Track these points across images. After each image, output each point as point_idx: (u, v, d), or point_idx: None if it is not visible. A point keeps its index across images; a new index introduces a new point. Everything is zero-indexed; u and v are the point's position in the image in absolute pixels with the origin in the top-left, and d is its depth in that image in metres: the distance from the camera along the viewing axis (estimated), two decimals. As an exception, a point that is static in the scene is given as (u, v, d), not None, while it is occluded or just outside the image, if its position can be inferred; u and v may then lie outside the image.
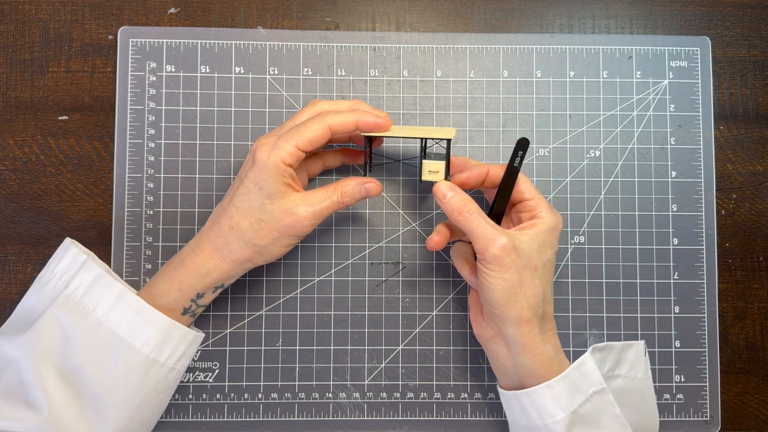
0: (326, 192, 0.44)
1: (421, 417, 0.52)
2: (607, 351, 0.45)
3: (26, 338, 0.41)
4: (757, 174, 0.54)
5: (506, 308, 0.41)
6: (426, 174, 0.45)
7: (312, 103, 0.45)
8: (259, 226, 0.42)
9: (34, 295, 0.43)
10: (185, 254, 0.43)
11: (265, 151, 0.41)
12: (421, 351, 0.52)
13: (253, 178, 0.41)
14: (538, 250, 0.42)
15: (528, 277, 0.42)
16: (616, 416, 0.42)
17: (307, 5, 0.54)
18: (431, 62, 0.53)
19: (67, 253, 0.43)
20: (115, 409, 0.41)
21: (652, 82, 0.54)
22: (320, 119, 0.42)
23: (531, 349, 0.42)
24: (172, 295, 0.43)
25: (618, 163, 0.53)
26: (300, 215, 0.42)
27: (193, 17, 0.54)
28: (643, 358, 0.47)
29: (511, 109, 0.53)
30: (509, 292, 0.41)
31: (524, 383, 0.43)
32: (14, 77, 0.53)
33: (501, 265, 0.41)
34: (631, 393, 0.46)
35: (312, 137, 0.41)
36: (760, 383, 0.53)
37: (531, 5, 0.55)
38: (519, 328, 0.42)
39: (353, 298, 0.52)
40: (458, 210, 0.43)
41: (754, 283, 0.54)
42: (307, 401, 0.51)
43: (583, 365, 0.43)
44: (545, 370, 0.42)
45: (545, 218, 0.44)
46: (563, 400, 0.41)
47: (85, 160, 0.52)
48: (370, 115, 0.43)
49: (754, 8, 0.55)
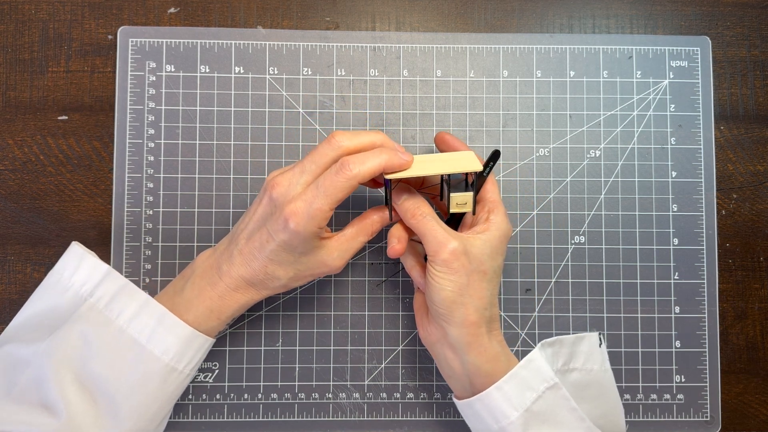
0: (355, 231, 0.44)
1: (421, 417, 0.51)
2: (558, 345, 0.45)
3: (47, 345, 0.41)
4: (758, 174, 0.54)
5: (452, 309, 0.42)
6: (454, 207, 0.44)
7: (333, 140, 0.42)
8: (296, 275, 0.43)
9: (48, 301, 0.43)
10: (221, 289, 0.43)
11: (300, 222, 0.40)
12: (421, 351, 0.52)
13: (287, 241, 0.41)
14: (489, 255, 0.43)
15: (476, 281, 0.42)
16: (572, 410, 0.42)
17: (307, 5, 0.54)
18: (431, 62, 0.53)
19: (83, 261, 0.43)
20: (132, 415, 0.41)
21: (653, 82, 0.54)
22: (348, 174, 0.40)
23: (476, 347, 0.42)
24: (212, 323, 0.43)
25: (618, 163, 0.53)
26: (334, 265, 0.44)
27: (193, 17, 0.53)
28: (598, 350, 0.46)
29: (511, 109, 0.53)
30: (456, 294, 0.41)
31: (474, 383, 0.43)
32: (14, 77, 0.53)
33: (450, 268, 0.41)
34: (590, 386, 0.46)
35: (343, 197, 0.40)
36: (761, 383, 0.53)
37: (531, 5, 0.55)
38: (463, 329, 0.42)
39: (353, 298, 0.52)
40: (411, 213, 0.43)
41: (754, 283, 0.54)
42: (307, 401, 0.51)
43: (532, 362, 0.42)
44: (492, 366, 0.42)
45: (498, 224, 0.44)
46: (515, 399, 0.41)
47: (85, 160, 0.52)
48: (396, 156, 0.41)
49: (754, 8, 0.55)
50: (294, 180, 0.41)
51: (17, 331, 0.43)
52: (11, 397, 0.40)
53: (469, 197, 0.44)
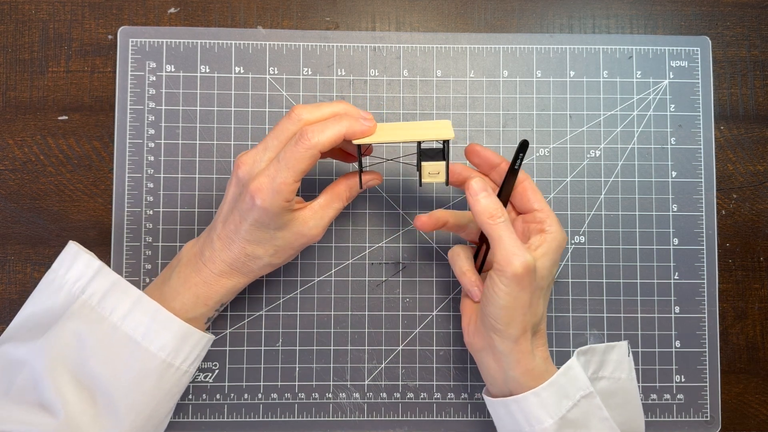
0: (328, 198, 0.44)
1: (421, 417, 0.51)
2: (591, 353, 0.45)
3: (42, 343, 0.40)
4: (758, 174, 0.54)
5: (509, 326, 0.41)
6: (426, 176, 0.43)
7: (293, 114, 0.41)
8: (275, 251, 0.43)
9: (44, 300, 0.43)
10: (206, 275, 0.43)
11: (266, 197, 0.39)
12: (421, 351, 0.52)
13: (258, 219, 0.40)
14: (549, 269, 0.42)
15: (536, 297, 0.41)
16: (604, 419, 0.42)
17: (307, 5, 0.54)
18: (431, 62, 0.53)
19: (77, 258, 0.43)
20: (131, 412, 0.41)
21: (653, 82, 0.54)
22: (307, 144, 0.39)
23: (523, 365, 0.41)
24: (199, 309, 0.43)
25: (618, 163, 0.53)
26: (312, 234, 0.43)
27: (193, 17, 0.53)
28: (627, 359, 0.47)
29: (511, 109, 0.53)
30: (517, 311, 0.40)
31: (513, 392, 0.43)
32: (14, 77, 0.53)
33: (519, 284, 0.40)
34: (616, 394, 0.46)
35: (306, 167, 0.40)
36: (761, 383, 0.53)
37: (531, 5, 0.55)
38: (515, 345, 0.41)
39: (353, 298, 0.52)
40: (489, 213, 0.41)
41: (754, 283, 0.54)
42: (307, 401, 0.51)
43: (570, 370, 0.42)
44: (534, 383, 0.42)
45: (555, 234, 0.43)
46: (551, 407, 0.41)
47: (85, 160, 0.52)
48: (357, 122, 0.41)
49: (754, 8, 0.55)
50: (258, 157, 0.41)
51: (15, 331, 0.43)
52: (9, 397, 0.40)
53: (441, 166, 0.42)
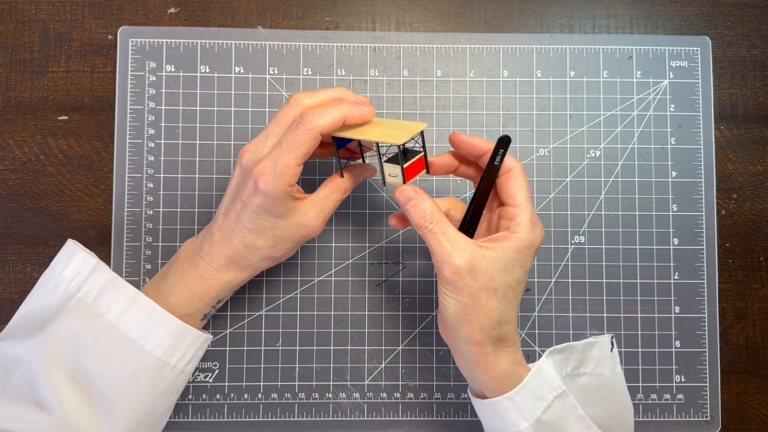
0: (328, 189, 0.44)
1: (421, 417, 0.51)
2: (568, 351, 0.44)
3: (37, 341, 0.40)
4: (758, 174, 0.54)
5: (457, 327, 0.41)
6: (388, 177, 0.43)
7: (293, 99, 0.42)
8: (275, 242, 0.43)
9: (42, 298, 0.43)
10: (203, 269, 0.43)
11: (268, 181, 0.39)
12: (421, 351, 0.52)
13: (260, 205, 0.40)
14: (502, 269, 0.40)
15: (483, 300, 0.39)
16: (579, 417, 0.41)
17: (307, 5, 0.54)
18: (431, 62, 0.53)
19: (74, 256, 0.43)
20: (126, 411, 0.41)
21: (653, 82, 0.54)
22: (308, 126, 0.39)
23: (482, 365, 0.41)
24: (195, 305, 0.43)
25: (618, 163, 0.53)
26: (313, 225, 0.43)
27: (193, 17, 0.53)
28: (610, 354, 0.46)
29: (511, 109, 0.53)
30: (461, 312, 0.40)
31: (486, 394, 0.43)
32: (14, 77, 0.53)
33: (454, 286, 0.39)
34: (598, 389, 0.45)
35: (308, 150, 0.40)
36: (761, 383, 0.53)
37: (531, 5, 0.55)
38: (469, 346, 0.41)
39: (353, 298, 0.52)
40: (417, 223, 0.41)
41: (754, 283, 0.54)
42: (307, 401, 0.51)
43: (541, 371, 0.42)
44: (499, 384, 0.41)
45: (520, 235, 0.41)
46: (525, 410, 0.41)
47: (85, 160, 0.52)
48: (356, 107, 0.41)
49: (754, 8, 0.55)
50: (260, 144, 0.42)
51: (13, 329, 0.43)
52: (6, 395, 0.40)
53: (398, 170, 0.42)
